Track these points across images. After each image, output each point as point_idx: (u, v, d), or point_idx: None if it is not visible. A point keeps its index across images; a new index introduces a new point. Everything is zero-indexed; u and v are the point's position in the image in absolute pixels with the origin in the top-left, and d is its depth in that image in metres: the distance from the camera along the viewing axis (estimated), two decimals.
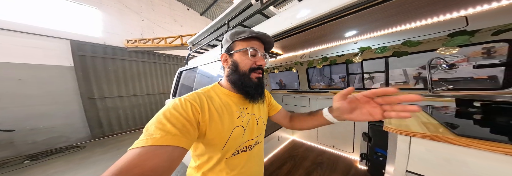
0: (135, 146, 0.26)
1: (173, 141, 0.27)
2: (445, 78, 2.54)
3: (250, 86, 0.41)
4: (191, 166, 0.43)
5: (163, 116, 0.30)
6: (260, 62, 0.41)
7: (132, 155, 0.24)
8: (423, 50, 1.10)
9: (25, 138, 2.29)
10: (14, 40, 2.25)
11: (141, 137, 0.27)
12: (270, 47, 0.45)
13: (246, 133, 0.41)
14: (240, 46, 0.41)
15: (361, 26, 0.99)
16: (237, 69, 0.41)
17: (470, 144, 0.29)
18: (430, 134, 0.34)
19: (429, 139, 0.34)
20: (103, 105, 3.05)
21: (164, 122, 0.29)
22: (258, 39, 0.42)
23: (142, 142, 0.26)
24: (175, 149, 0.27)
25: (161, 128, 0.28)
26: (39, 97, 2.44)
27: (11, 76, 2.23)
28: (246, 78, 0.40)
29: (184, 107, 0.33)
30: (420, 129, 0.37)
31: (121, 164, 0.22)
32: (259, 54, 0.41)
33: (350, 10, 0.49)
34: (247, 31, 0.41)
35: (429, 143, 0.34)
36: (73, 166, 1.87)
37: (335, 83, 4.48)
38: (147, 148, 0.25)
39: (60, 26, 2.64)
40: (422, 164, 0.36)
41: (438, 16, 0.87)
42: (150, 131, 0.28)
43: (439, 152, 0.34)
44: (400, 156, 0.38)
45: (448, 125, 0.38)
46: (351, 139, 1.46)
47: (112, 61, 3.18)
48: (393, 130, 0.39)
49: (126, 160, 0.23)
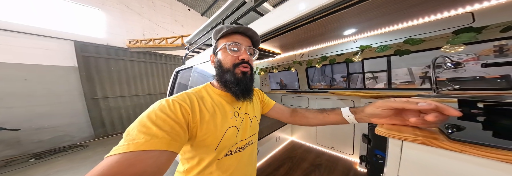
0: (113, 152, 0.23)
1: (160, 145, 0.25)
2: (454, 77, 2.45)
3: (232, 82, 0.39)
4: (178, 171, 0.41)
5: (147, 118, 0.28)
6: (243, 57, 0.38)
7: (110, 162, 0.21)
8: (427, 49, 1.05)
9: (31, 136, 2.36)
10: (21, 42, 2.33)
11: (120, 143, 0.24)
12: (257, 40, 0.43)
13: (239, 133, 0.40)
14: (221, 44, 0.40)
15: (360, 24, 0.95)
16: (221, 67, 0.40)
17: (464, 149, 0.26)
18: (422, 138, 0.31)
19: (421, 143, 0.31)
20: (106, 104, 3.11)
21: (148, 125, 0.27)
22: (241, 34, 0.41)
23: (122, 148, 0.23)
24: (162, 153, 0.25)
25: (145, 131, 0.26)
26: (44, 97, 2.51)
27: (17, 77, 2.30)
28: (229, 75, 0.39)
29: (172, 108, 0.31)
30: (413, 132, 0.34)
31: (97, 173, 0.20)
32: (242, 48, 0.39)
33: (347, 3, 0.47)
34: (225, 27, 0.39)
35: (421, 148, 0.32)
36: (74, 165, 1.91)
37: (337, 83, 4.40)
38: (129, 154, 0.22)
39: (64, 27, 2.71)
40: (414, 170, 0.33)
41: (442, 12, 0.82)
42: (131, 135, 0.25)
43: (431, 158, 0.31)
44: (391, 161, 0.36)
45: (445, 128, 0.35)
46: (351, 141, 1.42)
47: (115, 61, 3.24)
48: (384, 133, 0.36)
49: (102, 169, 0.20)
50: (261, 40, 0.86)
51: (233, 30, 0.39)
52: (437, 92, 0.92)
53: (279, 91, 2.18)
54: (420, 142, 0.31)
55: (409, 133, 0.34)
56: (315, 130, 1.72)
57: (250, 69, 0.40)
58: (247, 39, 0.42)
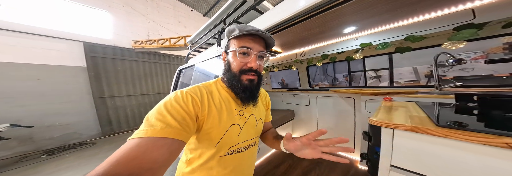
0: (135, 136, 0.25)
1: (173, 134, 0.27)
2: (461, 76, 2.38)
3: (239, 88, 0.39)
4: (181, 160, 0.43)
5: (164, 107, 0.30)
6: (251, 65, 0.37)
7: (131, 146, 0.23)
8: (428, 46, 1.04)
9: (43, 134, 2.47)
10: (34, 43, 2.45)
11: (141, 127, 0.27)
12: (272, 42, 0.41)
13: (242, 133, 0.40)
14: (233, 46, 0.39)
15: (360, 22, 0.96)
16: (229, 69, 0.40)
17: (448, 134, 0.28)
18: (411, 125, 0.32)
19: (410, 130, 0.32)
20: (113, 103, 3.21)
21: (164, 114, 0.28)
22: (255, 36, 0.38)
23: (142, 132, 0.26)
24: (174, 141, 0.26)
25: (162, 119, 0.28)
26: (56, 96, 2.62)
27: (31, 77, 2.42)
28: (236, 80, 0.39)
29: (185, 99, 0.32)
30: (404, 121, 0.35)
31: (120, 155, 0.22)
32: (252, 54, 0.38)
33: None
34: (237, 29, 0.38)
35: (410, 135, 0.33)
36: (82, 162, 1.98)
37: (339, 83, 4.35)
38: (147, 139, 0.25)
39: (74, 29, 2.83)
40: (405, 158, 0.34)
41: (442, 9, 0.82)
42: (150, 121, 0.27)
43: (420, 145, 0.32)
44: (384, 150, 0.37)
45: (436, 118, 0.36)
46: (352, 138, 1.41)
47: (121, 62, 3.35)
48: (377, 122, 0.37)
49: (125, 152, 0.22)
50: None
51: (246, 33, 0.37)
52: (440, 89, 0.91)
53: (279, 90, 2.18)
54: (409, 129, 0.32)
55: (400, 121, 0.35)
56: (316, 128, 1.72)
57: (257, 77, 0.40)
58: (261, 41, 0.39)
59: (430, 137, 0.30)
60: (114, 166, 0.20)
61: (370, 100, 1.17)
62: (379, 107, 0.66)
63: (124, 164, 0.21)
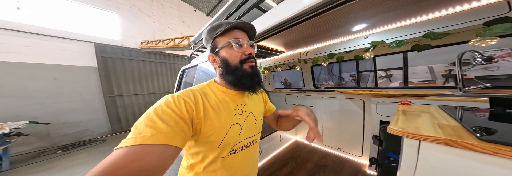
0: (122, 145, 0.24)
1: (165, 140, 0.25)
2: (484, 76, 2.17)
3: (245, 77, 0.39)
4: (183, 166, 0.41)
5: (154, 113, 0.28)
6: (249, 51, 0.39)
7: (118, 155, 0.22)
8: (451, 43, 0.94)
9: (58, 130, 2.62)
10: (50, 44, 2.59)
11: (129, 136, 0.25)
12: (253, 34, 0.43)
13: (243, 131, 0.40)
14: (222, 42, 0.39)
15: (371, 18, 0.88)
16: (228, 65, 0.39)
17: (498, 151, 0.22)
18: (444, 138, 0.27)
19: (444, 144, 0.27)
20: (121, 102, 3.34)
21: (155, 120, 0.27)
22: (238, 29, 0.40)
23: (130, 141, 0.24)
24: (167, 148, 0.25)
25: (152, 125, 0.26)
26: (70, 94, 2.77)
27: (48, 76, 2.57)
28: (239, 71, 0.39)
29: (177, 104, 0.31)
30: (433, 131, 0.30)
31: (106, 165, 0.21)
32: (245, 43, 0.39)
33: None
34: (223, 24, 0.38)
35: (442, 149, 0.27)
36: (93, 158, 2.08)
37: (345, 83, 4.17)
38: (135, 147, 0.23)
39: (86, 30, 2.96)
40: (433, 175, 0.28)
41: (470, 2, 0.72)
42: (139, 129, 0.26)
43: (456, 161, 0.26)
44: (405, 164, 0.32)
45: (473, 128, 0.29)
46: (360, 142, 1.34)
47: (129, 61, 3.46)
48: (398, 132, 0.32)
49: (111, 161, 0.21)
50: (264, 37, 0.84)
51: (233, 26, 0.38)
52: (464, 91, 0.82)
53: (283, 90, 2.13)
54: (442, 142, 0.26)
55: (428, 131, 0.29)
56: (320, 130, 1.66)
57: (255, 63, 0.42)
58: (245, 34, 0.42)
59: (470, 153, 0.24)
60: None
61: (382, 102, 1.09)
62: (396, 112, 0.60)
63: (110, 173, 0.20)
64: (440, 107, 0.63)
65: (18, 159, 2.08)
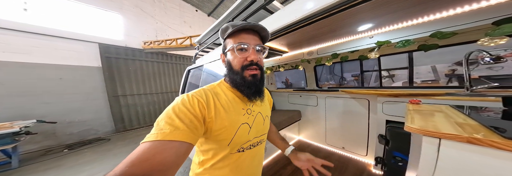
0: (146, 140, 0.27)
1: (181, 136, 0.27)
2: (489, 75, 2.15)
3: (243, 85, 0.39)
4: (194, 162, 0.43)
5: (172, 111, 0.31)
6: (251, 58, 0.37)
7: (143, 149, 0.25)
8: (458, 43, 0.93)
9: (64, 129, 2.66)
10: (56, 45, 2.63)
11: (152, 131, 0.28)
12: (266, 34, 0.41)
13: (252, 131, 0.41)
14: (229, 44, 0.39)
15: (377, 18, 0.88)
16: (231, 68, 0.40)
17: None
18: (467, 136, 0.27)
19: (466, 142, 0.27)
20: (125, 101, 3.37)
21: (173, 117, 0.29)
22: (248, 31, 0.39)
23: (153, 136, 0.27)
24: (182, 144, 0.27)
25: (170, 123, 0.29)
26: (75, 94, 2.81)
27: (54, 76, 2.61)
28: (239, 78, 0.38)
29: (191, 102, 0.33)
30: (454, 129, 0.30)
31: (134, 157, 0.23)
32: (250, 48, 0.37)
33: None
34: (230, 26, 0.37)
35: (465, 147, 0.27)
36: (98, 157, 2.11)
37: (347, 82, 4.16)
38: (157, 142, 0.26)
39: (91, 31, 2.99)
40: (455, 174, 0.28)
41: (479, 1, 0.72)
42: (160, 125, 0.29)
43: (480, 159, 0.26)
44: (424, 162, 0.32)
45: (493, 127, 0.29)
46: (365, 141, 1.34)
47: (132, 62, 3.49)
48: (417, 130, 0.32)
49: (138, 154, 0.24)
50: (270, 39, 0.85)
51: (239, 28, 0.37)
52: (471, 90, 0.81)
53: (286, 90, 2.13)
54: (465, 140, 0.26)
55: (448, 129, 0.29)
56: (324, 130, 1.66)
57: (260, 70, 0.39)
58: (255, 36, 0.39)
59: (495, 151, 0.24)
60: (129, 167, 0.22)
61: (388, 102, 1.09)
62: (407, 111, 0.60)
63: (137, 165, 0.22)
64: (452, 106, 0.63)
65: (26, 157, 2.12)
